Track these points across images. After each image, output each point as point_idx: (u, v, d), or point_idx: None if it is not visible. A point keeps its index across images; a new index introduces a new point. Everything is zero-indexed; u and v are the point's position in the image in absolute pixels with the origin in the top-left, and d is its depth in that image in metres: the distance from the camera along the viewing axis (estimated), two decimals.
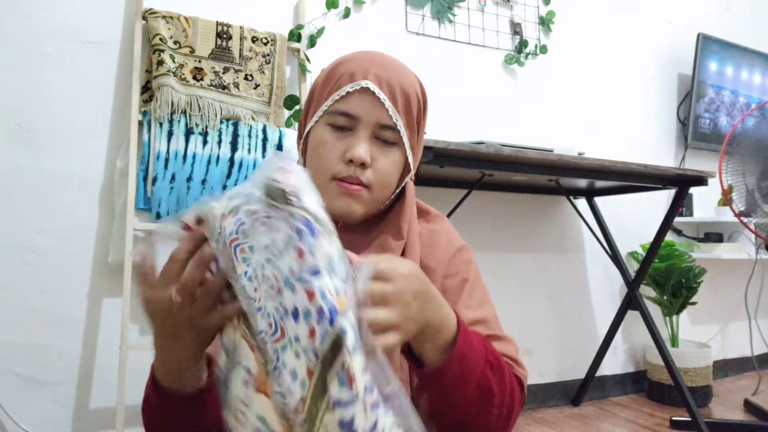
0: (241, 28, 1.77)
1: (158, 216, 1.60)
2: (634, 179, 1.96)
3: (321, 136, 0.68)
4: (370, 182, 0.67)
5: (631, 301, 2.22)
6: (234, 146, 1.70)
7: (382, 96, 0.66)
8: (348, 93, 0.66)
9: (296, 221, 0.43)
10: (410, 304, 0.50)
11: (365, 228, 0.72)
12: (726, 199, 2.08)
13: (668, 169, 1.93)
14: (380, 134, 0.67)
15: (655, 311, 2.38)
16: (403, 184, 0.74)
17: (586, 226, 2.30)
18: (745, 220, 2.08)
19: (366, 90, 0.66)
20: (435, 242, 0.74)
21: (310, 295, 0.41)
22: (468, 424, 0.59)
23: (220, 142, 1.68)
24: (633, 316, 2.28)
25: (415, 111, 0.70)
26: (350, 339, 0.41)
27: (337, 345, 0.41)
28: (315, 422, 0.41)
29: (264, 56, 1.80)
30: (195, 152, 1.64)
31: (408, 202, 0.73)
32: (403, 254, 0.69)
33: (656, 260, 2.35)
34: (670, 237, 2.69)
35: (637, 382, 2.56)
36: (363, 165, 0.66)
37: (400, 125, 0.68)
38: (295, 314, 0.42)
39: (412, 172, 0.74)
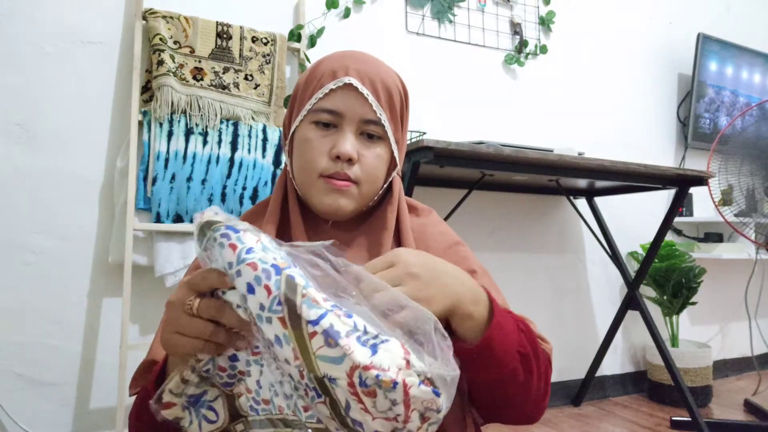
0: (241, 28, 1.77)
1: (158, 216, 1.60)
2: (634, 179, 1.96)
3: (306, 134, 0.68)
4: (357, 177, 0.67)
5: (631, 301, 2.22)
6: (234, 146, 1.70)
7: (366, 91, 0.67)
8: (331, 90, 0.67)
9: (220, 232, 0.48)
10: (422, 275, 0.51)
11: (355, 225, 0.72)
12: (716, 203, 2.10)
13: (668, 169, 1.93)
14: (365, 129, 0.68)
15: (655, 311, 2.38)
16: (390, 179, 0.74)
17: (586, 226, 2.30)
18: (742, 220, 2.09)
19: (349, 86, 0.66)
20: (426, 235, 0.74)
21: (253, 266, 0.45)
22: (512, 400, 0.59)
23: (220, 142, 1.68)
24: (633, 316, 2.28)
25: (398, 105, 0.70)
26: (299, 278, 0.45)
27: (291, 285, 0.44)
28: (309, 356, 0.43)
29: (264, 56, 1.80)
30: (195, 152, 1.64)
31: (396, 197, 0.73)
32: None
33: (656, 260, 2.35)
34: (670, 237, 2.69)
35: (637, 382, 2.56)
36: (350, 161, 0.66)
37: (384, 119, 0.68)
38: (250, 288, 0.45)
39: (399, 167, 0.74)
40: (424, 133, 1.92)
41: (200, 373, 0.52)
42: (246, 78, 1.77)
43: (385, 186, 0.73)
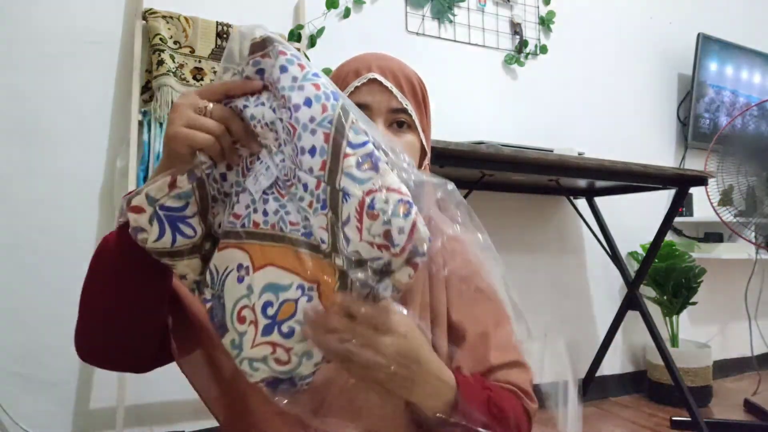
0: None
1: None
2: (634, 179, 1.96)
3: None
4: None
5: (631, 301, 2.22)
6: None
7: (389, 84, 0.69)
8: (356, 87, 0.69)
9: (290, 52, 0.53)
10: (398, 365, 0.51)
11: None
12: (711, 204, 2.10)
13: (668, 169, 1.93)
14: (394, 118, 0.70)
15: (655, 311, 2.38)
16: (422, 167, 0.76)
17: (586, 226, 2.30)
18: (742, 220, 2.08)
19: (373, 81, 0.69)
20: (453, 251, 0.73)
21: (317, 86, 0.50)
22: None
23: None
24: (633, 316, 2.28)
25: (420, 96, 0.73)
26: (353, 109, 0.51)
27: (345, 111, 0.50)
28: (337, 170, 0.47)
29: None
30: None
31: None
32: None
33: (656, 260, 2.34)
34: (670, 237, 2.69)
35: (637, 382, 2.56)
36: None
37: (410, 108, 0.71)
38: (307, 101, 0.49)
39: (428, 156, 0.77)
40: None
41: (202, 175, 0.53)
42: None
43: None
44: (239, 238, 0.52)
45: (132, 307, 0.60)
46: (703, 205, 2.75)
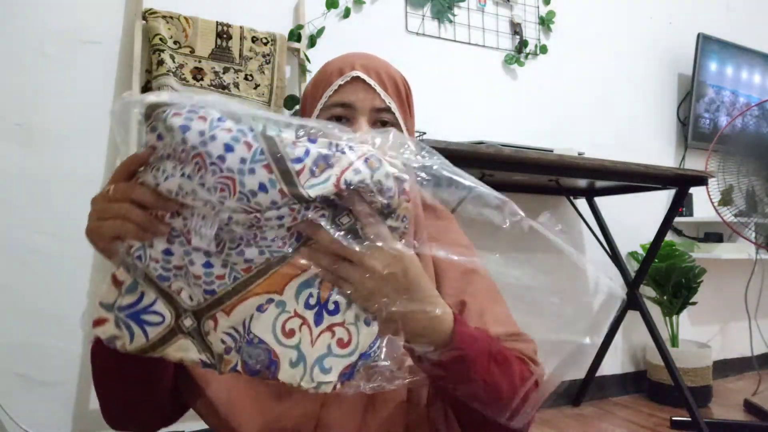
0: (241, 28, 1.77)
1: None
2: (634, 179, 1.96)
3: None
4: None
5: (631, 301, 2.22)
6: None
7: (372, 82, 0.69)
8: (340, 86, 0.69)
9: (186, 109, 0.48)
10: (394, 284, 0.50)
11: None
12: (713, 204, 2.10)
13: (668, 169, 1.93)
14: (377, 118, 0.70)
15: (655, 311, 2.38)
16: None
17: (586, 226, 2.30)
18: (742, 220, 2.08)
19: (356, 79, 0.69)
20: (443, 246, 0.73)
21: (228, 129, 0.47)
22: (482, 420, 0.59)
23: None
24: (633, 316, 2.28)
25: (404, 95, 0.73)
26: (272, 129, 0.48)
27: (267, 137, 0.47)
28: (297, 189, 0.46)
29: (264, 56, 1.80)
30: None
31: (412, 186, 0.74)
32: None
33: (656, 260, 2.34)
34: (670, 237, 2.69)
35: (637, 382, 2.56)
36: None
37: (394, 107, 0.70)
38: (228, 147, 0.46)
39: None
40: (424, 133, 1.92)
41: (132, 263, 0.50)
42: (246, 78, 1.77)
43: None
44: (242, 289, 0.50)
45: (141, 391, 0.61)
46: (703, 205, 2.75)
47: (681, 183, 2.03)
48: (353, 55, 0.72)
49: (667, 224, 2.11)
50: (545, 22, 2.44)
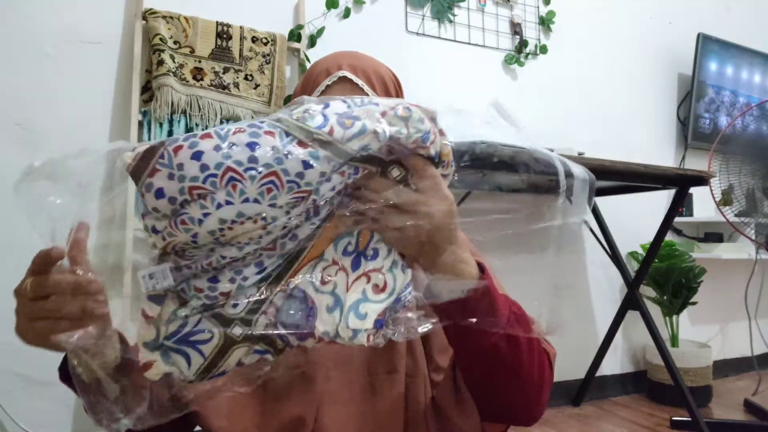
0: (241, 28, 1.77)
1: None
2: (634, 179, 1.96)
3: None
4: None
5: (631, 301, 2.22)
6: None
7: (360, 81, 0.68)
8: (327, 86, 0.68)
9: (173, 146, 0.45)
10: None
11: None
12: (716, 202, 2.10)
13: (668, 169, 1.93)
14: None
15: (655, 311, 2.38)
16: None
17: (585, 226, 2.30)
18: (743, 220, 2.08)
19: (344, 79, 0.68)
20: None
21: (239, 130, 0.45)
22: (498, 381, 0.59)
23: None
24: (633, 316, 2.28)
25: (393, 91, 0.72)
26: (285, 117, 0.47)
27: (284, 120, 0.46)
28: (338, 147, 0.46)
29: (264, 56, 1.80)
30: None
31: None
32: None
33: (656, 260, 2.34)
34: (670, 237, 2.69)
35: (637, 382, 2.56)
36: None
37: None
38: (251, 145, 0.44)
39: None
40: None
41: (177, 306, 0.48)
42: (246, 78, 1.77)
43: None
44: (291, 267, 0.49)
45: None
46: (703, 205, 2.75)
47: (681, 183, 2.03)
48: (340, 55, 0.71)
49: (667, 224, 2.11)
50: (545, 22, 2.44)
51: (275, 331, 0.48)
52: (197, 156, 0.42)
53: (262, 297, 0.48)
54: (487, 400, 0.63)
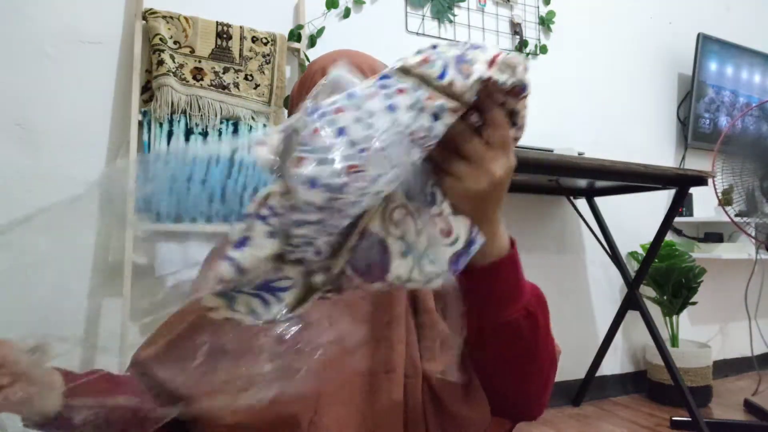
0: (241, 28, 1.77)
1: (158, 216, 1.60)
2: (634, 179, 1.96)
3: None
4: None
5: (631, 301, 2.22)
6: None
7: (357, 80, 0.67)
8: (323, 85, 0.67)
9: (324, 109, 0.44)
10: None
11: None
12: (719, 201, 2.09)
13: (668, 169, 1.93)
14: None
15: (655, 311, 2.38)
16: None
17: (586, 226, 2.30)
18: (744, 220, 2.08)
19: None
20: None
21: (401, 90, 0.45)
22: (513, 361, 0.58)
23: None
24: (633, 316, 2.28)
25: None
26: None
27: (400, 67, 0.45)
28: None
29: (264, 56, 1.80)
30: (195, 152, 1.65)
31: None
32: None
33: (656, 260, 2.34)
34: (670, 237, 2.69)
35: (637, 382, 2.56)
36: None
37: None
38: (391, 107, 0.43)
39: None
40: None
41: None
42: (246, 78, 1.77)
43: None
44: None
45: None
46: (703, 205, 2.75)
47: (681, 183, 2.03)
48: (337, 53, 0.71)
49: (667, 224, 2.11)
50: (545, 22, 2.44)
51: (351, 275, 0.46)
52: (341, 132, 0.41)
53: (343, 242, 0.46)
54: (497, 384, 0.62)
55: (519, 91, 0.49)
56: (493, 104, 0.49)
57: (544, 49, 2.44)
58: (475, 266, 0.52)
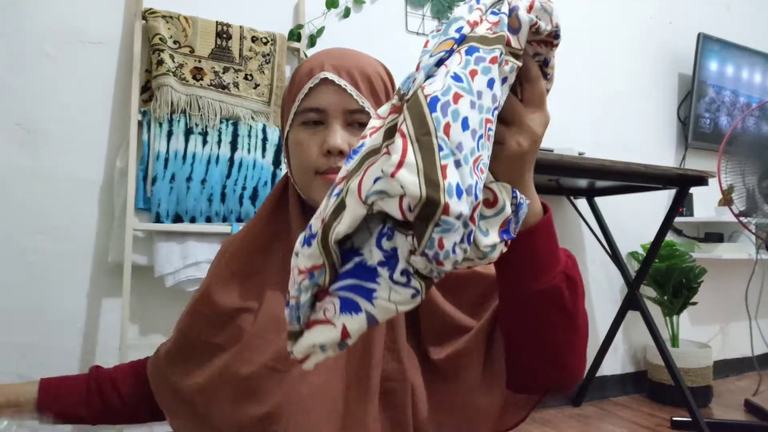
0: (240, 27, 1.77)
1: (158, 216, 1.60)
2: (634, 179, 1.96)
3: (297, 137, 0.68)
4: None
5: (631, 301, 2.22)
6: (234, 146, 1.70)
7: (343, 82, 0.65)
8: (310, 89, 0.66)
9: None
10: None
11: None
12: (725, 200, 2.09)
13: (668, 169, 1.93)
14: (352, 120, 0.66)
15: (655, 311, 2.38)
16: None
17: (586, 226, 2.30)
18: (744, 220, 2.08)
19: (326, 81, 0.66)
20: None
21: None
22: (556, 328, 0.55)
23: (219, 141, 1.68)
24: (633, 316, 2.28)
25: (382, 93, 0.69)
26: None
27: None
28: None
29: (264, 56, 1.80)
30: (195, 152, 1.64)
31: None
32: None
33: (656, 260, 2.34)
34: (670, 237, 2.69)
35: (637, 382, 2.56)
36: (341, 153, 0.65)
37: (368, 107, 0.66)
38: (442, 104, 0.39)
39: None
40: None
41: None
42: (246, 78, 1.77)
43: None
44: None
45: None
46: (704, 205, 2.75)
47: (681, 183, 2.03)
48: (324, 54, 0.69)
49: (667, 224, 2.10)
50: None
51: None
52: (465, 124, 0.38)
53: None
54: (539, 353, 0.58)
55: (553, 37, 0.47)
56: (527, 56, 0.47)
57: None
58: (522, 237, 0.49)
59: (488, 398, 0.62)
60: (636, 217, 2.54)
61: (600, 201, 2.39)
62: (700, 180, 1.98)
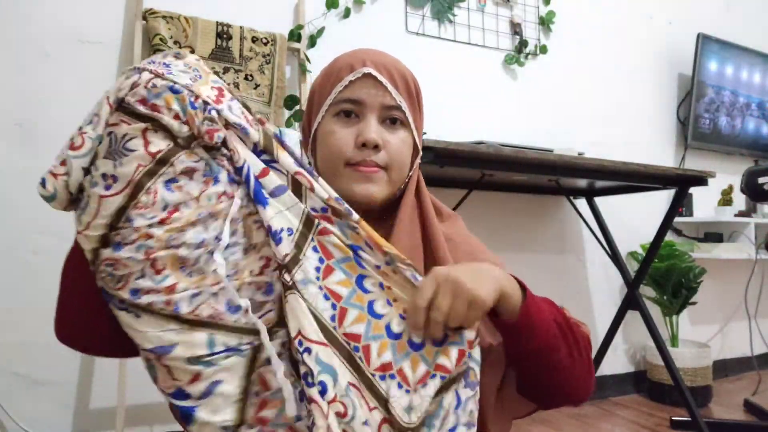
0: (241, 28, 1.77)
1: None
2: (634, 179, 1.96)
3: (330, 127, 0.70)
4: (385, 163, 0.69)
5: (631, 301, 2.22)
6: None
7: (383, 79, 0.69)
8: (350, 82, 0.69)
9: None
10: (467, 276, 0.57)
11: (386, 214, 0.72)
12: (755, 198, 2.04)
13: (668, 169, 1.93)
14: (387, 115, 0.70)
15: (655, 311, 2.38)
16: (415, 166, 0.75)
17: (586, 226, 2.30)
18: (744, 220, 2.08)
19: (367, 76, 0.69)
20: (455, 251, 0.72)
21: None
22: (558, 373, 0.65)
23: None
24: (633, 316, 2.28)
25: (414, 93, 0.73)
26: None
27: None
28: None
29: (264, 56, 1.80)
30: None
31: (421, 185, 0.76)
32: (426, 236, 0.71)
33: (656, 260, 2.35)
34: (670, 237, 2.69)
35: (637, 382, 2.56)
36: (376, 147, 0.68)
37: (404, 105, 0.70)
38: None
39: (420, 154, 0.76)
40: (425, 133, 1.92)
41: None
42: (246, 78, 1.77)
43: (410, 174, 0.74)
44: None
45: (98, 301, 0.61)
46: (703, 205, 2.75)
47: (681, 183, 2.03)
48: (364, 52, 0.72)
49: (667, 224, 2.11)
50: (545, 22, 2.44)
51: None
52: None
53: None
54: (543, 392, 0.70)
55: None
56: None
57: (544, 49, 2.44)
58: (505, 324, 0.62)
59: (497, 427, 0.68)
60: (635, 217, 2.54)
61: (600, 201, 2.39)
62: (700, 180, 1.98)
